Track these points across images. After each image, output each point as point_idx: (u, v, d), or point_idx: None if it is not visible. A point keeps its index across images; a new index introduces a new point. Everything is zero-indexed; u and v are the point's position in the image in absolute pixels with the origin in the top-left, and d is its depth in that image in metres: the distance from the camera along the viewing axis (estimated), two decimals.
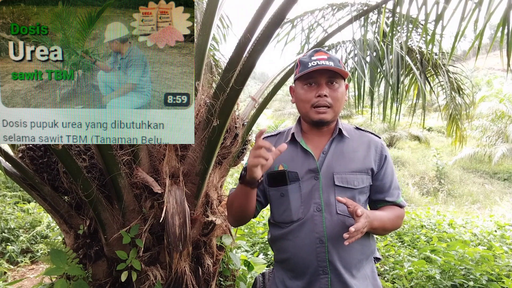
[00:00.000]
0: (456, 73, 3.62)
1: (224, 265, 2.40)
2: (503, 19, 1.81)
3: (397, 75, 2.82)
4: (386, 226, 1.24)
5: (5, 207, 5.05)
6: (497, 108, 13.70)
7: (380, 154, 1.29)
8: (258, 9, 1.59)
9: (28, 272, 3.84)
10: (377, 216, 1.19)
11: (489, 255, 2.94)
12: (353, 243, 1.21)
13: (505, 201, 10.79)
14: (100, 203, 1.80)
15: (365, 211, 1.13)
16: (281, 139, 1.36)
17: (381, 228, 1.23)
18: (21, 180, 2.00)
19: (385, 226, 1.24)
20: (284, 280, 1.29)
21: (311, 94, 1.23)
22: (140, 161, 1.84)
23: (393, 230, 1.32)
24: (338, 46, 3.13)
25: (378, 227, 1.19)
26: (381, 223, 1.20)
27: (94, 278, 1.95)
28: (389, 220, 1.24)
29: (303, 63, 1.24)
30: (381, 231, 1.27)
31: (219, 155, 2.11)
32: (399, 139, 19.31)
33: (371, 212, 1.19)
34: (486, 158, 13.69)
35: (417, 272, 2.94)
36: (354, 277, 1.21)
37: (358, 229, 1.06)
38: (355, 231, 1.05)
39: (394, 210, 1.29)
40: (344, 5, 3.07)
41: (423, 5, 1.99)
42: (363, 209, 1.12)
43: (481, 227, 4.91)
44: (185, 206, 1.77)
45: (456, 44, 1.97)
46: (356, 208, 1.09)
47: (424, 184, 13.74)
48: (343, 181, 1.21)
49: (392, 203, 1.29)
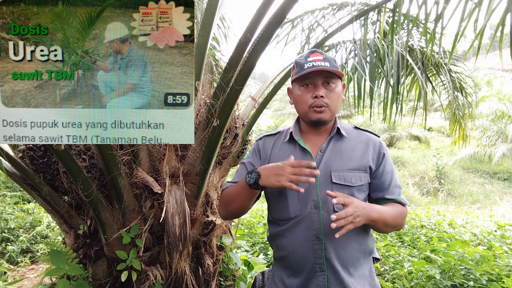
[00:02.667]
0: (458, 72, 3.62)
1: (224, 265, 2.40)
2: (502, 19, 1.81)
3: (397, 74, 2.82)
4: (387, 219, 1.20)
5: (5, 207, 5.05)
6: (497, 108, 13.70)
7: (378, 152, 1.29)
8: (258, 9, 1.59)
9: (28, 272, 3.84)
10: (375, 208, 1.17)
11: (489, 255, 2.94)
12: (350, 240, 1.21)
13: (505, 201, 10.79)
14: (100, 203, 1.80)
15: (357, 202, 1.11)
16: (280, 138, 1.37)
17: (382, 222, 1.18)
18: (21, 180, 2.00)
19: (386, 220, 1.20)
20: (283, 277, 1.30)
21: (308, 95, 1.24)
22: (140, 161, 1.84)
23: (396, 227, 1.27)
24: (338, 46, 3.13)
25: (378, 219, 1.16)
26: (380, 216, 1.17)
27: (94, 278, 1.95)
28: (390, 215, 1.21)
29: (299, 64, 1.25)
30: (382, 225, 1.21)
31: (219, 155, 2.11)
32: (399, 139, 19.30)
33: (368, 204, 1.16)
34: (486, 158, 13.69)
35: (417, 272, 2.94)
36: (351, 276, 1.21)
37: (341, 217, 1.05)
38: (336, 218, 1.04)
39: (395, 206, 1.27)
40: (344, 4, 3.07)
41: (423, 4, 1.99)
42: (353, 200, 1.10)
43: (481, 227, 4.91)
44: (185, 206, 1.77)
45: (456, 43, 1.98)
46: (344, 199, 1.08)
47: (424, 184, 13.74)
48: (341, 178, 1.22)
49: (392, 200, 1.28)
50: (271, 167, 1.15)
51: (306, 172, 1.09)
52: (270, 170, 1.14)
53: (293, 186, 1.09)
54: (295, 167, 1.10)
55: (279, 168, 1.12)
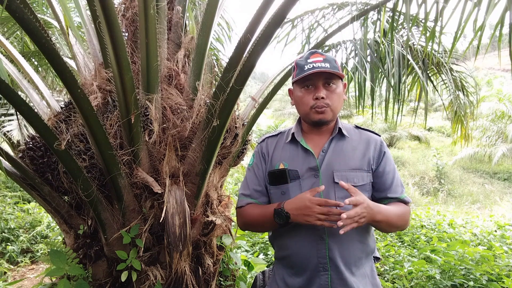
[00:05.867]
0: (459, 71, 3.61)
1: (224, 265, 2.40)
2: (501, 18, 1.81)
3: (398, 74, 2.82)
4: (391, 220, 1.19)
5: (5, 207, 5.05)
6: (497, 108, 13.70)
7: (379, 151, 1.29)
8: (258, 9, 1.59)
9: (28, 272, 3.85)
10: (381, 209, 1.16)
11: (489, 255, 2.94)
12: (353, 240, 1.22)
13: (505, 201, 10.79)
14: (100, 203, 1.80)
15: (367, 202, 1.11)
16: (282, 139, 1.37)
17: (386, 223, 1.18)
18: (21, 180, 2.00)
19: (390, 221, 1.19)
20: (284, 277, 1.30)
21: (309, 96, 1.25)
22: (140, 161, 1.84)
23: (400, 227, 1.26)
24: (338, 46, 3.12)
25: (382, 220, 1.15)
26: (385, 217, 1.16)
27: (94, 278, 1.95)
28: (394, 215, 1.21)
29: (300, 65, 1.25)
30: (385, 226, 1.20)
31: (219, 155, 2.10)
32: (399, 139, 19.31)
33: (375, 205, 1.15)
34: (486, 158, 13.70)
35: (417, 272, 2.93)
36: (353, 275, 1.22)
37: (350, 216, 1.05)
38: (346, 218, 1.04)
39: (399, 206, 1.26)
40: (344, 4, 3.07)
41: (422, 3, 1.99)
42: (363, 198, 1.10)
43: (481, 227, 4.91)
44: (185, 206, 1.77)
45: (455, 43, 1.98)
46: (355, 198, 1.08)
47: (424, 184, 13.74)
48: (343, 178, 1.22)
49: (395, 199, 1.28)
50: (299, 206, 1.14)
51: (335, 212, 1.09)
52: (299, 210, 1.14)
53: (325, 223, 1.11)
54: (323, 206, 1.10)
55: (306, 208, 1.12)
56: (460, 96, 3.58)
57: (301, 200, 1.13)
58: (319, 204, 1.10)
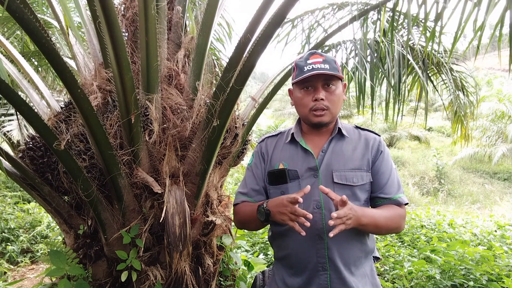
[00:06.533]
0: (459, 71, 3.61)
1: (224, 265, 2.40)
2: (501, 18, 1.81)
3: (398, 74, 2.82)
4: (378, 223, 1.17)
5: (5, 207, 5.05)
6: (497, 108, 13.70)
7: (377, 150, 1.29)
8: (259, 9, 1.59)
9: (28, 272, 3.85)
10: (366, 212, 1.15)
11: (489, 255, 2.94)
12: (352, 240, 1.22)
13: (505, 201, 10.79)
14: (100, 203, 1.80)
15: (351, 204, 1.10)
16: (282, 139, 1.38)
17: (373, 226, 1.17)
18: (21, 180, 2.00)
19: (378, 224, 1.17)
20: (284, 277, 1.30)
21: (308, 98, 1.25)
22: (140, 161, 1.84)
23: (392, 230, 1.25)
24: (338, 46, 3.12)
25: (368, 223, 1.14)
26: (371, 220, 1.15)
27: (94, 278, 1.95)
28: (383, 218, 1.19)
29: (299, 67, 1.25)
30: (373, 229, 1.19)
31: (219, 155, 2.10)
32: (399, 139, 19.31)
33: (360, 208, 1.14)
34: (486, 158, 13.69)
35: (417, 272, 2.93)
36: (353, 275, 1.22)
37: (340, 216, 1.04)
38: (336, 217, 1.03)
39: (390, 208, 1.24)
40: (344, 4, 3.07)
41: (422, 4, 1.99)
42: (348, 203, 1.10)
43: (481, 227, 4.91)
44: (185, 206, 1.77)
45: (455, 43, 1.98)
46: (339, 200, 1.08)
47: (424, 184, 13.74)
48: (342, 178, 1.22)
49: (388, 199, 1.25)
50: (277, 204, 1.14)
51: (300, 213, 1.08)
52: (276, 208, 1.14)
53: (296, 226, 1.09)
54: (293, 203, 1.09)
55: (282, 206, 1.12)
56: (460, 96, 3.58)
57: (281, 198, 1.14)
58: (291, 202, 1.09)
